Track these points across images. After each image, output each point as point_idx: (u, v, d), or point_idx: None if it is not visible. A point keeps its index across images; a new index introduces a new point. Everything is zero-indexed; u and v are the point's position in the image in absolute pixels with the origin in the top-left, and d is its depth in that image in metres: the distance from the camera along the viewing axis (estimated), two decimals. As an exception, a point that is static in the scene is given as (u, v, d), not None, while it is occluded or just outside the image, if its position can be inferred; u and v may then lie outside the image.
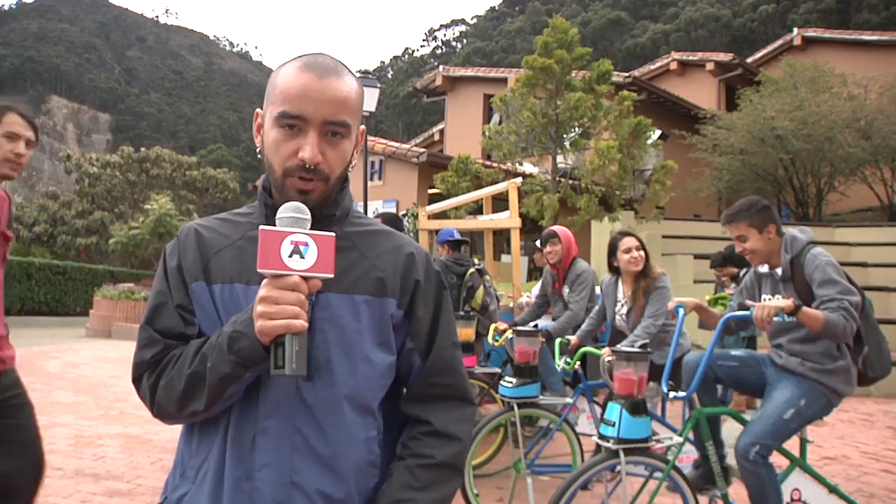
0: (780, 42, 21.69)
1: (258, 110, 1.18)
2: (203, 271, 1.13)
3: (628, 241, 3.98)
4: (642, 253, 3.96)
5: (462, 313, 4.58)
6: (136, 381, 1.14)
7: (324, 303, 1.10)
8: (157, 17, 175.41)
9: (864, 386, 3.04)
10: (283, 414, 1.07)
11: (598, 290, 4.92)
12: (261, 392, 1.07)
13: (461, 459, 1.18)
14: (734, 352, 3.23)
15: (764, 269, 3.07)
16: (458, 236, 5.16)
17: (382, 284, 1.15)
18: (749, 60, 20.99)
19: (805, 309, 2.66)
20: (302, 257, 1.00)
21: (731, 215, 3.04)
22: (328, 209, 1.15)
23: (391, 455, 1.17)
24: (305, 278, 1.00)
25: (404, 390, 1.23)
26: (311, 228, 1.03)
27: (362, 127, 1.20)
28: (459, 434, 1.18)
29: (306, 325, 0.99)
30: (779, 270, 2.99)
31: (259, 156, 1.16)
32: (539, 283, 5.29)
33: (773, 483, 2.81)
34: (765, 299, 3.04)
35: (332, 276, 1.02)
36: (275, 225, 1.02)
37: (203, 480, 1.09)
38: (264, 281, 1.00)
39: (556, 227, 4.82)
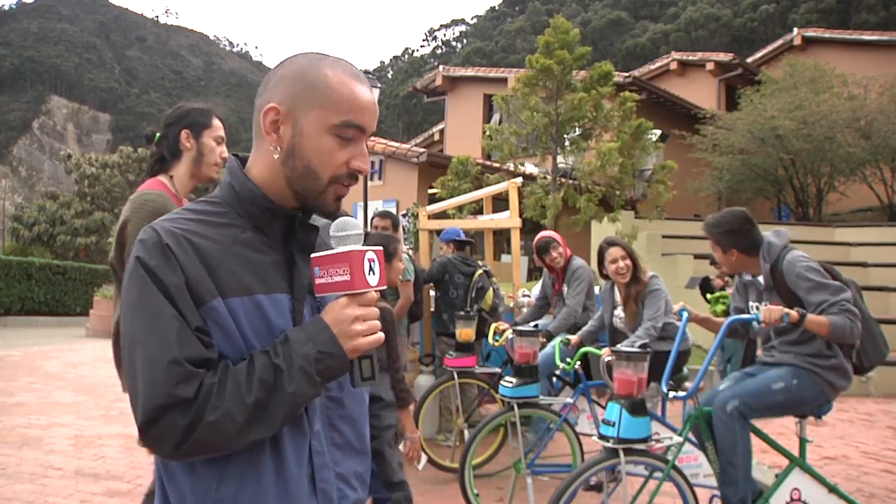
0: (780, 42, 21.68)
1: (273, 104, 1.07)
2: (216, 286, 1.01)
3: (614, 252, 3.95)
4: (629, 262, 3.93)
5: (463, 313, 4.58)
6: (152, 423, 0.95)
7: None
8: (157, 17, 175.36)
9: (862, 374, 3.03)
10: (322, 414, 1.11)
11: (597, 290, 4.93)
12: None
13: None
14: (722, 385, 3.15)
15: (747, 277, 3.08)
16: (463, 237, 5.20)
17: None
18: (749, 60, 20.99)
19: (809, 317, 2.67)
20: (374, 273, 1.04)
21: (704, 226, 3.09)
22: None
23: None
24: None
25: None
26: (308, 224, 1.09)
27: None
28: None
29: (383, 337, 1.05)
30: (761, 279, 3.00)
31: (276, 156, 1.08)
32: (539, 284, 5.30)
33: (745, 441, 2.82)
34: (752, 307, 3.06)
35: (386, 287, 1.07)
36: (284, 229, 1.09)
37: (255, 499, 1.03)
38: (344, 300, 1.02)
39: (549, 233, 4.85)
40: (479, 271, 5.02)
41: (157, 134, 2.39)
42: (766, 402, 2.84)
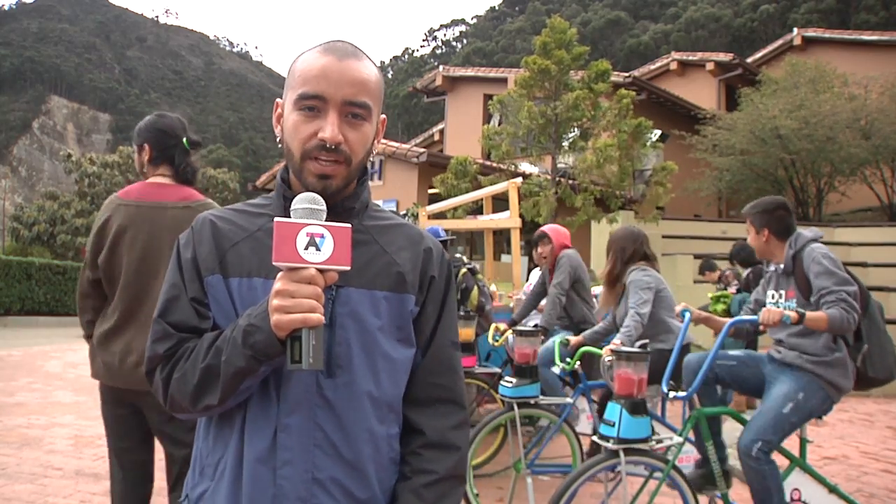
0: (780, 42, 21.68)
1: (277, 100, 1.16)
2: (219, 264, 1.10)
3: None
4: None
5: (462, 313, 4.58)
6: (149, 374, 1.12)
7: (344, 298, 1.08)
8: (157, 17, 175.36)
9: (865, 389, 3.04)
10: (303, 410, 1.05)
11: (596, 290, 4.92)
12: (281, 388, 1.05)
13: (462, 468, 1.16)
14: (733, 352, 3.24)
15: (773, 266, 3.12)
16: (444, 235, 5.11)
17: (402, 280, 1.13)
18: (749, 60, 20.99)
19: (809, 315, 2.68)
20: (318, 249, 0.98)
21: (745, 209, 3.22)
22: (348, 202, 1.14)
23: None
24: (322, 271, 0.98)
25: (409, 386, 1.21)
26: (330, 221, 1.01)
27: (383, 116, 1.19)
28: (458, 443, 1.16)
29: (323, 319, 0.97)
30: (782, 265, 3.02)
31: (279, 145, 1.15)
32: (535, 276, 5.30)
33: (776, 481, 2.82)
34: (770, 294, 3.09)
35: (348, 268, 1.00)
36: (290, 216, 1.00)
37: (221, 477, 1.07)
38: (280, 274, 0.98)
39: (546, 227, 4.81)
40: (463, 270, 4.90)
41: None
42: (783, 430, 2.86)
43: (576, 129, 11.24)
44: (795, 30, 21.61)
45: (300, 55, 1.13)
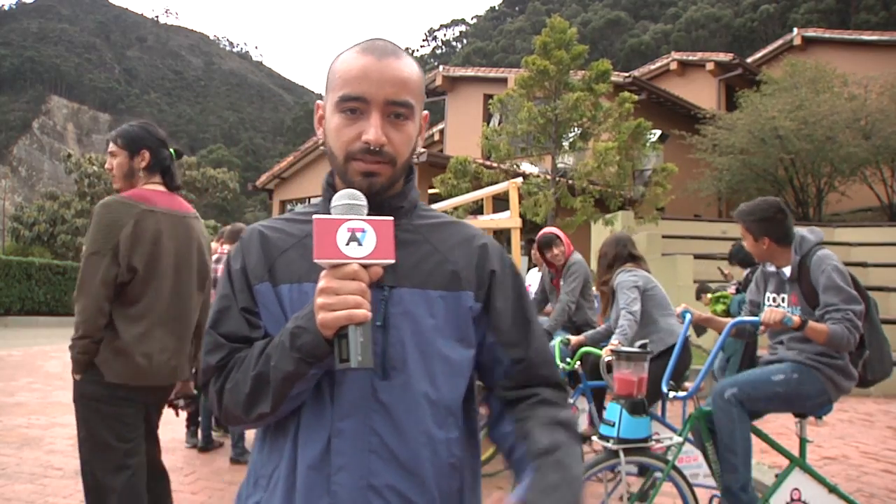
0: (780, 42, 21.67)
1: (318, 102, 1.15)
2: (268, 272, 1.09)
3: None
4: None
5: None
6: (204, 386, 1.11)
7: (397, 298, 1.05)
8: (157, 17, 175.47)
9: (863, 387, 3.04)
10: (358, 414, 1.02)
11: (595, 290, 4.92)
12: (335, 392, 1.02)
13: (576, 428, 1.13)
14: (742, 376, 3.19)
15: (771, 268, 3.09)
16: None
17: (457, 277, 1.10)
18: (749, 60, 20.98)
19: (811, 324, 2.68)
20: (360, 244, 0.95)
21: (737, 213, 3.13)
22: (396, 201, 1.12)
23: (471, 457, 1.13)
24: (365, 266, 0.95)
25: (498, 382, 1.15)
26: (380, 216, 0.99)
27: (425, 112, 1.16)
28: (567, 409, 1.15)
29: (369, 314, 0.94)
30: (786, 270, 3.01)
31: (322, 147, 1.16)
32: (533, 271, 5.31)
33: (744, 427, 2.82)
34: (768, 297, 3.06)
35: (392, 261, 0.97)
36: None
37: (275, 487, 1.05)
38: (323, 272, 0.96)
39: (552, 230, 4.84)
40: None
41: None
42: (765, 392, 2.84)
43: (576, 130, 11.22)
44: (795, 30, 21.59)
45: (339, 55, 1.11)
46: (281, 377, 0.99)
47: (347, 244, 0.94)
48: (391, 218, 0.98)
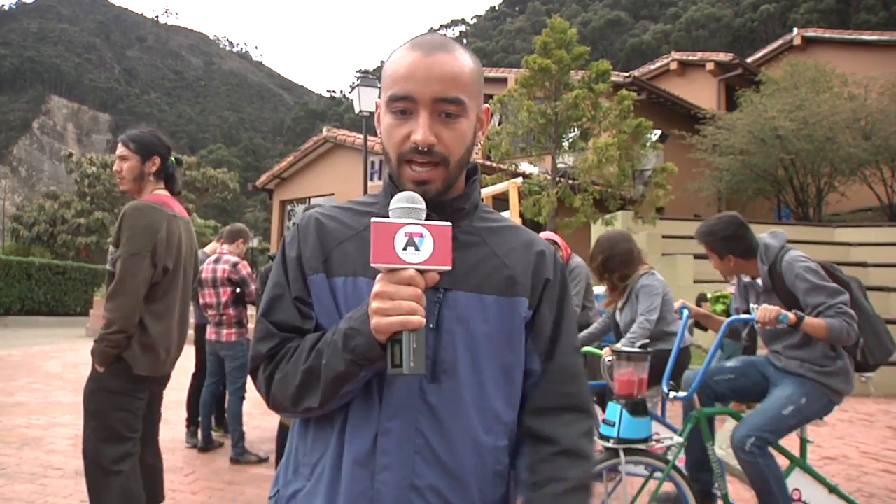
0: (780, 42, 21.67)
1: (376, 101, 1.13)
2: (324, 263, 1.08)
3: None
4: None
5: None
6: (253, 372, 1.11)
7: (451, 301, 1.04)
8: (157, 17, 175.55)
9: (867, 372, 3.02)
10: (406, 415, 1.01)
11: (597, 290, 4.92)
12: (384, 391, 1.02)
13: (591, 478, 1.12)
14: (729, 363, 3.20)
15: (746, 279, 3.09)
16: None
17: (513, 283, 1.08)
18: (749, 60, 20.97)
19: (807, 319, 2.67)
20: (417, 249, 0.94)
21: (698, 234, 3.11)
22: (458, 202, 1.09)
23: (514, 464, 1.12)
24: (421, 272, 0.94)
25: (525, 400, 1.14)
26: (438, 221, 0.97)
27: (485, 106, 1.13)
28: (588, 451, 1.12)
29: (423, 321, 0.92)
30: (759, 282, 3.00)
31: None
32: None
33: (775, 472, 2.79)
34: (753, 308, 3.05)
35: (449, 268, 0.95)
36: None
37: (319, 479, 1.05)
38: (379, 276, 0.95)
39: (548, 234, 4.85)
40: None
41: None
42: (779, 430, 2.83)
43: (576, 129, 11.23)
44: (795, 30, 21.58)
45: (391, 53, 1.09)
46: (332, 376, 0.99)
47: (405, 249, 0.93)
48: (449, 223, 0.96)
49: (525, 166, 12.51)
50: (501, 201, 6.19)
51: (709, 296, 6.37)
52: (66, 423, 5.56)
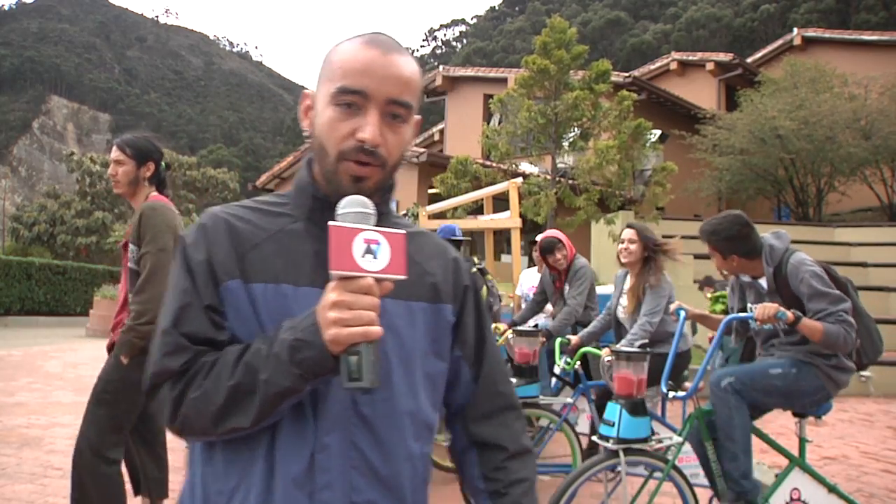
0: (780, 42, 21.67)
1: (306, 91, 1.07)
2: (239, 268, 0.98)
3: (626, 233, 3.93)
4: (635, 247, 3.87)
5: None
6: (153, 389, 0.98)
7: (381, 310, 0.96)
8: (157, 17, 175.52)
9: (861, 371, 3.03)
10: (342, 429, 0.97)
11: (597, 290, 4.92)
12: (318, 405, 0.97)
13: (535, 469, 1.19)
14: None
15: (746, 278, 3.08)
16: (459, 235, 5.13)
17: (437, 290, 1.08)
18: (749, 60, 20.98)
19: (805, 320, 2.68)
20: (375, 257, 0.89)
21: (701, 233, 3.08)
22: (382, 206, 1.04)
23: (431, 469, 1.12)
24: (378, 280, 0.90)
25: (464, 407, 1.16)
26: (390, 228, 0.96)
27: (418, 116, 1.10)
28: (530, 445, 1.17)
29: (382, 331, 0.89)
30: (762, 282, 3.00)
31: (307, 140, 1.06)
32: (526, 275, 5.30)
33: (741, 415, 2.81)
34: (751, 308, 3.05)
35: (404, 277, 0.92)
36: (331, 220, 0.91)
37: None
38: (333, 284, 0.89)
39: (553, 233, 4.84)
40: (473, 270, 4.97)
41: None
42: (762, 384, 2.83)
43: (576, 129, 11.23)
44: (795, 30, 21.59)
45: (339, 45, 1.04)
46: (273, 392, 0.91)
47: (363, 256, 0.89)
48: (404, 232, 0.93)
49: (525, 166, 12.52)
50: (501, 201, 6.20)
51: (709, 295, 6.37)
52: (66, 423, 5.56)
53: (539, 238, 5.09)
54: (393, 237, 0.92)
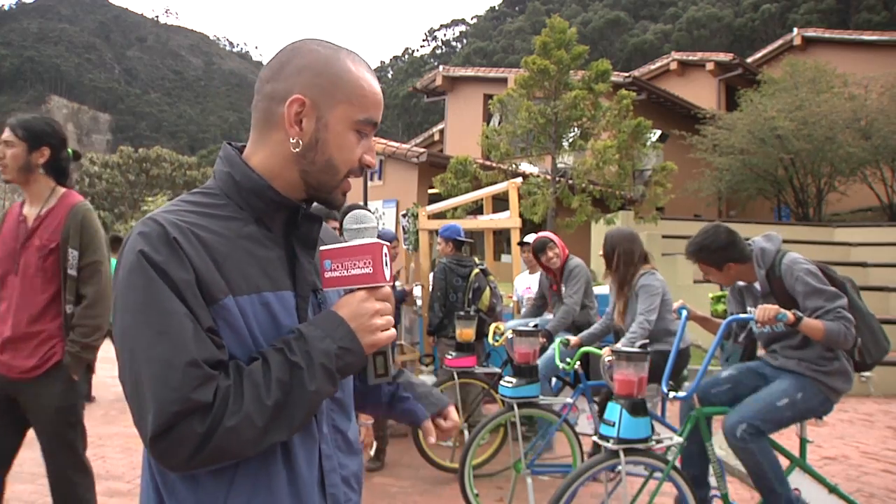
0: (780, 42, 21.66)
1: (297, 96, 1.01)
2: (226, 282, 0.95)
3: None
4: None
5: (463, 313, 4.58)
6: (167, 431, 0.87)
7: (330, 301, 1.09)
8: (157, 17, 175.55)
9: (866, 371, 3.03)
10: (327, 416, 1.07)
11: (597, 290, 4.92)
12: None
13: None
14: (724, 373, 3.18)
15: (742, 283, 3.09)
16: (463, 236, 5.13)
17: None
18: (749, 60, 20.97)
19: (806, 320, 2.68)
20: (388, 267, 1.03)
21: (690, 254, 3.08)
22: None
23: None
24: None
25: None
26: (311, 216, 1.08)
27: None
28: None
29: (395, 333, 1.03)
30: (757, 286, 3.00)
31: (295, 149, 1.02)
32: (524, 274, 5.31)
33: (768, 456, 2.80)
34: (749, 311, 3.06)
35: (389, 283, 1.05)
36: (289, 223, 1.06)
37: None
38: (363, 293, 1.00)
39: (545, 234, 4.85)
40: (476, 270, 4.98)
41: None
42: (774, 418, 2.83)
43: (575, 129, 11.23)
44: (795, 30, 21.57)
45: (351, 66, 1.05)
46: (319, 400, 0.98)
47: (385, 267, 1.02)
48: (389, 242, 1.08)
49: (525, 166, 12.51)
50: (501, 201, 6.20)
51: (710, 295, 6.37)
52: (66, 423, 5.56)
53: (528, 239, 5.10)
54: (390, 248, 1.04)
